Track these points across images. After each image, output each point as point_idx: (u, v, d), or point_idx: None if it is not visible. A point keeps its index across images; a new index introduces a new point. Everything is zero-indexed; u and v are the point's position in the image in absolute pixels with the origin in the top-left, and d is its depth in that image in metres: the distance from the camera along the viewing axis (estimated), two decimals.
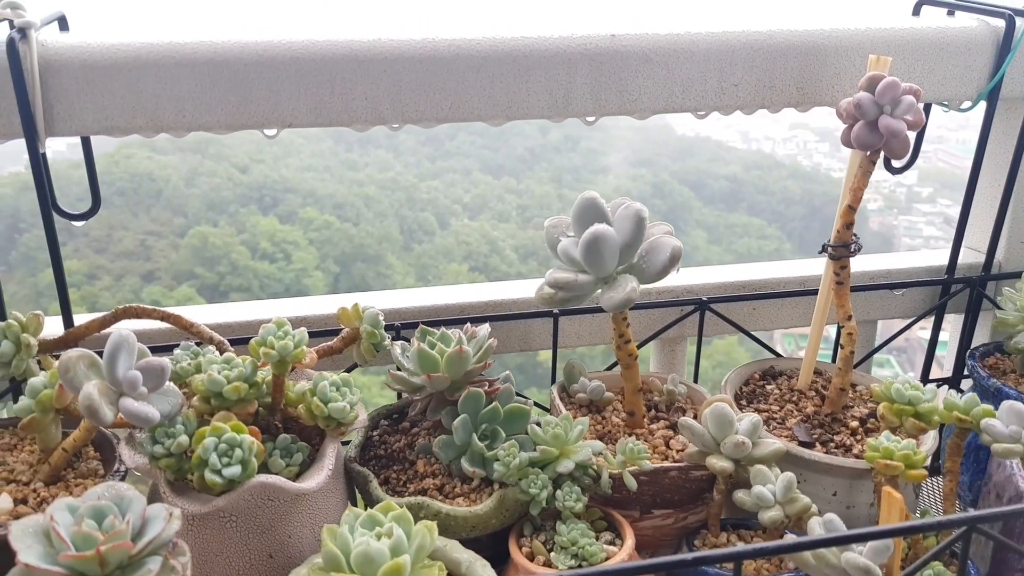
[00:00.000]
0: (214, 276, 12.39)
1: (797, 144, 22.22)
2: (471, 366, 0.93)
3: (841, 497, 0.96)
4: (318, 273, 13.18)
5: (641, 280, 0.88)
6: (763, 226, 15.97)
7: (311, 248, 13.49)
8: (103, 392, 0.74)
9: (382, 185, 15.86)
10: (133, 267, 12.16)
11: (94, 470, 0.86)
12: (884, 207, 18.90)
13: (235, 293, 12.15)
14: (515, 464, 0.86)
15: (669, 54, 0.98)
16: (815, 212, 17.81)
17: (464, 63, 0.94)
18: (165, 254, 12.70)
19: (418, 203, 15.59)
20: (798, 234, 17.42)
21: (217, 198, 14.40)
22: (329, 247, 13.64)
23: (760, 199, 17.56)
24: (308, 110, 0.93)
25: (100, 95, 0.88)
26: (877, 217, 18.54)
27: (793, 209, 17.60)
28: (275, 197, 14.69)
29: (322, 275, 13.20)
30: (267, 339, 0.82)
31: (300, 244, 13.35)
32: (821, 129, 22.08)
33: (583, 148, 18.64)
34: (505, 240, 14.27)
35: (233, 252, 12.68)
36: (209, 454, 0.76)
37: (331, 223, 13.97)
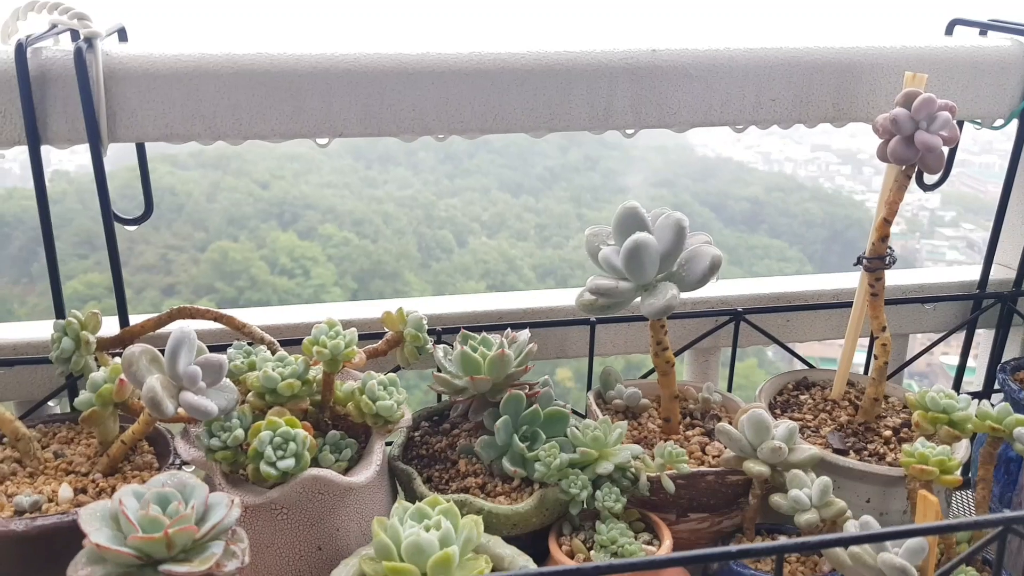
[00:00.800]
0: (233, 291, 12.46)
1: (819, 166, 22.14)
2: (512, 369, 0.95)
3: (875, 504, 0.97)
4: (336, 289, 13.23)
5: (681, 288, 0.90)
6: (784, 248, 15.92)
7: (330, 264, 13.56)
8: (165, 386, 0.77)
9: (401, 202, 15.94)
10: (154, 280, 12.27)
11: (149, 463, 0.89)
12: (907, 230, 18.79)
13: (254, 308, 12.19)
14: (556, 464, 0.89)
15: (708, 69, 1.01)
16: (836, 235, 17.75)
17: (509, 76, 0.98)
18: (185, 268, 12.80)
19: (436, 220, 15.66)
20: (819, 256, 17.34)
21: (238, 213, 14.51)
22: (347, 263, 13.70)
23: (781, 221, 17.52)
24: (358, 120, 0.96)
25: (160, 103, 0.92)
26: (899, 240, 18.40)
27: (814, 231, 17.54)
28: (295, 213, 14.79)
29: (340, 291, 13.24)
30: (320, 338, 0.85)
31: (319, 260, 13.42)
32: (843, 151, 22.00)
33: (603, 168, 18.67)
34: (523, 259, 14.29)
35: (253, 267, 12.76)
36: (265, 447, 0.79)
37: (350, 240, 14.04)
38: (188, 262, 12.93)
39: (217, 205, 14.51)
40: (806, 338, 1.22)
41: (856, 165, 21.55)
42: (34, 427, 0.94)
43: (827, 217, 17.67)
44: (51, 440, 0.93)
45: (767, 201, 17.92)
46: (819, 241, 17.39)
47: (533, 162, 18.28)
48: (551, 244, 15.23)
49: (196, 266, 12.86)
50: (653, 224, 0.92)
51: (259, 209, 14.75)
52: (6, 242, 12.15)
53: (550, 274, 14.01)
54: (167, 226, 13.59)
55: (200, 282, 12.53)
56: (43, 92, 0.90)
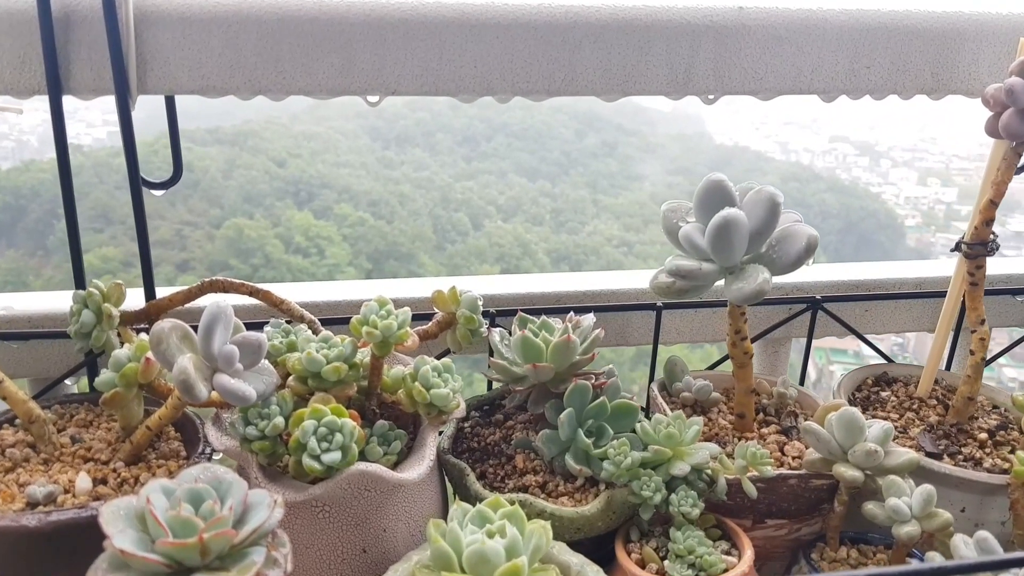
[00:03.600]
0: (248, 268, 12.46)
1: (836, 157, 22.02)
2: (577, 357, 0.86)
3: (970, 514, 0.88)
4: (350, 269, 13.22)
5: (772, 271, 0.81)
6: None
7: (344, 244, 13.54)
8: (198, 367, 0.69)
9: (417, 184, 15.90)
10: (168, 256, 12.25)
11: (175, 451, 0.81)
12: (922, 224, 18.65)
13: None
14: (626, 464, 0.80)
15: (799, 31, 0.91)
16: (851, 226, 17.62)
17: (581, 32, 0.88)
18: (200, 244, 12.79)
19: (452, 203, 15.61)
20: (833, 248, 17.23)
21: (253, 191, 14.50)
22: (362, 244, 13.68)
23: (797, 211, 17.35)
24: (414, 76, 0.87)
25: (197, 51, 0.83)
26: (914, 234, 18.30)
27: (829, 223, 17.41)
28: (311, 192, 14.77)
29: (354, 271, 13.24)
30: (370, 318, 0.76)
31: (334, 240, 13.41)
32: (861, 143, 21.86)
33: (620, 154, 18.57)
34: (538, 243, 14.24)
35: (267, 245, 12.75)
36: (308, 438, 0.70)
37: (365, 220, 14.02)
38: (203, 238, 12.92)
39: (233, 182, 14.51)
40: (885, 329, 1.13)
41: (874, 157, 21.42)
42: (49, 408, 0.86)
43: (843, 208, 17.54)
44: (68, 423, 0.85)
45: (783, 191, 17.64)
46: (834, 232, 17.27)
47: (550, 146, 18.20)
48: (566, 229, 15.17)
49: (211, 242, 12.86)
50: (741, 200, 0.83)
51: (275, 187, 14.74)
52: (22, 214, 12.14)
53: (564, 259, 13.95)
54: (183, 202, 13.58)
55: (215, 259, 12.53)
56: (67, 36, 0.81)
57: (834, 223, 17.43)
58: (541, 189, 16.80)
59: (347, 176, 15.69)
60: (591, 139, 18.68)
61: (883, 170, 20.99)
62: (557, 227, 15.48)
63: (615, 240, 13.84)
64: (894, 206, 19.04)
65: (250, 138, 15.69)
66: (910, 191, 19.81)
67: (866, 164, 21.54)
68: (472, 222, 15.14)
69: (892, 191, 19.84)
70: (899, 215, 18.77)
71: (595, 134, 18.69)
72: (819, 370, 11.30)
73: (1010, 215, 15.63)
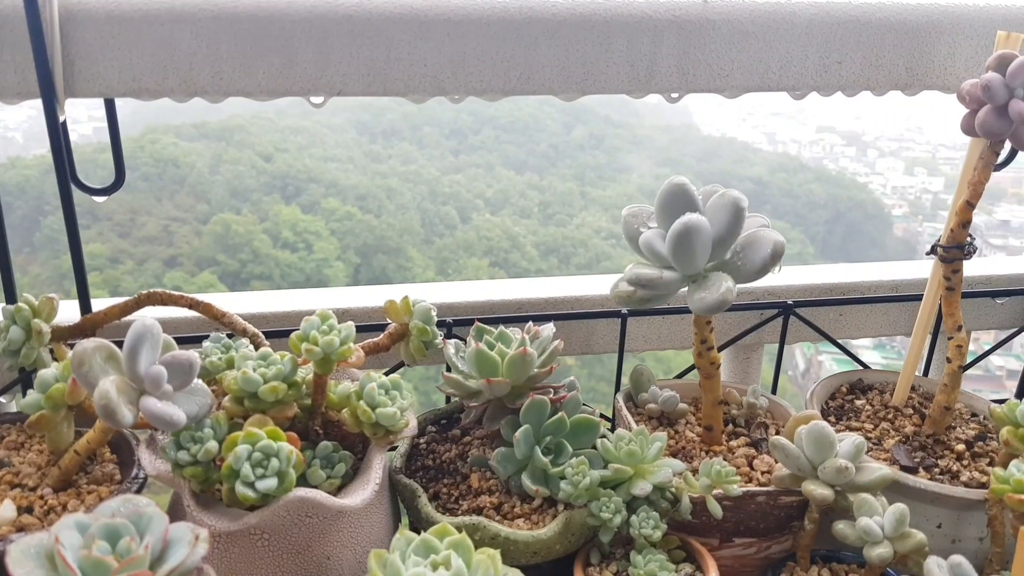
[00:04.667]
0: (236, 263, 12.39)
1: (823, 147, 22.08)
2: (535, 370, 0.82)
3: (946, 530, 0.85)
4: (339, 264, 13.17)
5: (736, 279, 0.77)
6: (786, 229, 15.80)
7: (332, 238, 13.49)
8: (122, 390, 0.64)
9: (405, 177, 15.83)
10: (155, 252, 12.17)
11: (110, 475, 0.77)
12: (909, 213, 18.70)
13: (256, 281, 12.16)
14: (584, 484, 0.76)
15: (767, 25, 0.87)
16: (839, 216, 17.64)
17: (537, 28, 0.83)
18: (188, 240, 12.71)
19: (440, 196, 15.55)
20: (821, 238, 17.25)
21: (241, 186, 14.41)
22: (350, 238, 13.63)
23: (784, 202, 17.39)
24: (360, 76, 0.82)
25: (127, 52, 0.78)
26: (901, 223, 18.35)
27: (817, 213, 17.42)
28: (298, 187, 14.70)
29: (343, 266, 13.18)
30: (310, 334, 0.72)
31: (322, 234, 13.35)
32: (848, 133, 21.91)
33: (607, 146, 18.53)
34: (526, 236, 14.20)
35: (255, 240, 12.68)
36: (241, 464, 0.66)
37: (353, 214, 13.96)
38: (191, 234, 12.84)
39: (220, 177, 14.42)
40: (860, 334, 1.09)
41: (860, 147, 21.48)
42: None
43: (830, 198, 17.57)
44: None
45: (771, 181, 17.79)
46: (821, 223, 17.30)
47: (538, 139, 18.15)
48: (554, 222, 15.13)
49: (198, 238, 12.78)
50: (704, 204, 0.78)
51: (262, 182, 14.66)
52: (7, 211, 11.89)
53: (553, 252, 13.92)
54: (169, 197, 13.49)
55: (202, 254, 12.46)
56: None
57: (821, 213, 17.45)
58: (529, 182, 16.75)
59: (334, 170, 15.61)
60: (579, 131, 18.64)
61: (870, 160, 21.05)
62: (545, 220, 15.45)
63: (603, 232, 13.81)
64: (881, 196, 19.10)
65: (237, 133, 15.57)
66: (897, 181, 19.88)
67: (853, 154, 21.59)
68: (460, 215, 15.09)
69: (879, 181, 19.92)
70: (886, 205, 18.83)
71: (583, 126, 18.65)
72: (808, 360, 11.29)
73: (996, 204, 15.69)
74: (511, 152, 17.57)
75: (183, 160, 13.99)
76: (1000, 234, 15.72)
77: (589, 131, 18.64)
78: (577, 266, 13.32)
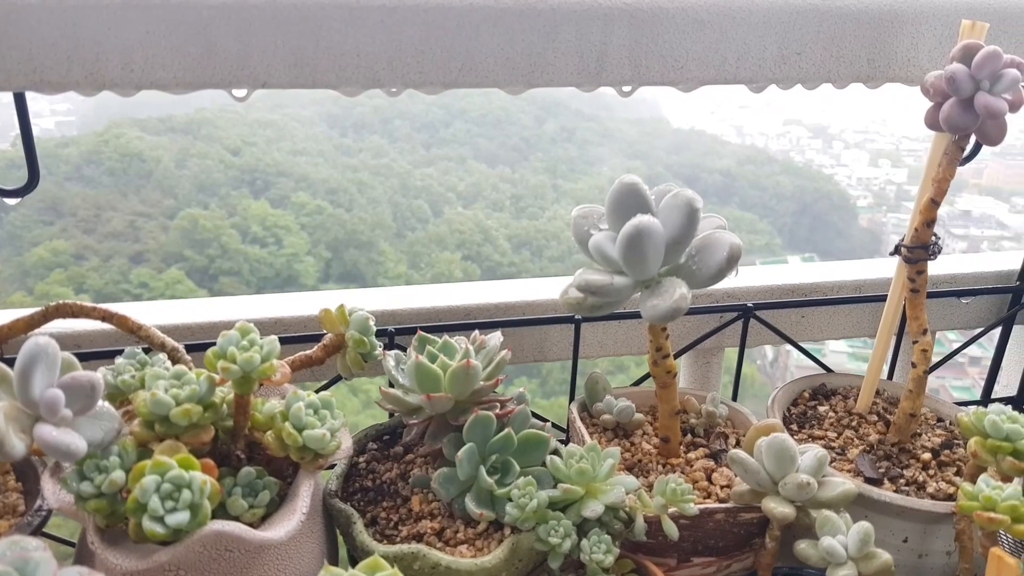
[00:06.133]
0: (204, 259, 12.24)
1: (790, 140, 22.30)
2: (480, 384, 0.77)
3: (913, 544, 0.81)
4: (309, 259, 13.05)
5: (691, 284, 0.72)
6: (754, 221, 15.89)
7: (302, 233, 13.37)
8: (12, 416, 0.58)
9: (376, 171, 15.73)
10: (121, 248, 11.97)
11: (12, 506, 0.70)
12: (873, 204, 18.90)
13: (225, 277, 12.02)
14: (531, 507, 0.71)
15: (723, 14, 0.82)
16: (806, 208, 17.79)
17: (479, 15, 0.78)
18: (154, 236, 12.53)
19: (412, 190, 15.47)
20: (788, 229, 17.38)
21: (208, 180, 14.23)
22: (321, 232, 13.51)
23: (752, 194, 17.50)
24: (287, 67, 0.76)
25: (27, 42, 0.71)
26: (866, 215, 18.55)
27: (784, 204, 17.55)
28: (267, 181, 14.55)
29: (313, 260, 13.07)
30: (227, 350, 0.66)
31: (292, 229, 13.23)
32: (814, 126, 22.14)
33: (578, 139, 18.53)
34: (499, 230, 14.16)
35: (223, 235, 12.53)
36: (148, 497, 0.60)
37: (323, 208, 13.85)
38: (157, 229, 12.66)
39: (187, 172, 14.23)
40: (823, 336, 1.05)
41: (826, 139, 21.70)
42: None
43: (797, 190, 17.71)
44: None
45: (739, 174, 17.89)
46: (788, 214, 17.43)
47: (509, 132, 18.11)
48: (527, 215, 15.11)
49: (165, 234, 12.61)
50: (657, 204, 0.73)
51: (230, 176, 14.49)
52: None
53: (525, 245, 13.89)
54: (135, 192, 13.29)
55: (169, 250, 12.29)
56: None
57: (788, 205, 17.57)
58: (501, 175, 16.71)
59: (304, 164, 15.46)
60: (550, 124, 18.61)
61: (835, 152, 21.27)
62: (517, 213, 15.42)
63: None
64: (847, 187, 19.31)
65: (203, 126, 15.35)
66: (862, 172, 20.11)
67: (819, 146, 21.81)
68: (432, 209, 15.02)
69: (844, 172, 20.14)
70: (851, 196, 19.03)
71: (554, 119, 18.62)
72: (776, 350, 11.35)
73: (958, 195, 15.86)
74: (483, 145, 17.50)
75: (149, 155, 13.77)
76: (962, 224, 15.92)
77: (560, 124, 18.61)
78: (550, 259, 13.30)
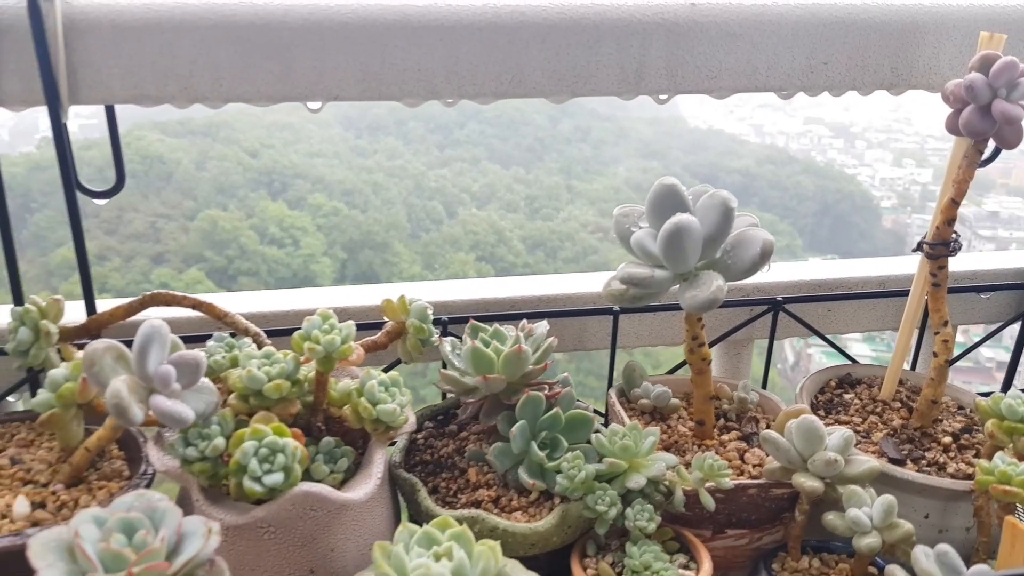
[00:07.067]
0: (223, 260, 12.35)
1: (811, 139, 22.09)
2: (529, 367, 0.84)
3: (934, 520, 0.87)
4: (325, 259, 13.14)
5: (726, 278, 0.79)
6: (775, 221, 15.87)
7: (319, 234, 13.46)
8: (133, 389, 0.66)
9: (391, 172, 15.81)
10: (143, 249, 12.11)
11: (118, 471, 0.78)
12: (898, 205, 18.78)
13: (243, 277, 12.13)
14: (580, 478, 0.78)
15: (754, 27, 0.89)
16: (827, 208, 17.70)
17: (528, 32, 0.85)
18: (175, 236, 12.66)
19: (426, 191, 15.54)
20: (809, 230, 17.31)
21: (227, 182, 14.36)
22: (337, 233, 13.60)
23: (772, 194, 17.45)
24: (356, 81, 0.84)
25: (129, 60, 0.80)
26: (890, 215, 18.43)
27: (805, 205, 17.48)
28: (284, 182, 14.66)
29: (329, 261, 13.16)
30: (312, 333, 0.74)
31: (308, 230, 13.32)
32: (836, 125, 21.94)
33: (593, 139, 18.53)
34: (513, 230, 14.20)
35: (242, 236, 12.64)
36: (249, 459, 0.68)
37: (339, 209, 13.93)
38: (177, 230, 12.79)
39: (206, 173, 14.36)
40: (848, 329, 1.12)
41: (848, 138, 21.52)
42: None
43: (818, 190, 17.62)
44: (8, 443, 0.82)
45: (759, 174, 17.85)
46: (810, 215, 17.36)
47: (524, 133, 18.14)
48: (541, 216, 15.14)
49: (185, 235, 12.73)
50: (694, 204, 0.81)
51: (248, 178, 14.61)
52: None
53: (539, 246, 13.93)
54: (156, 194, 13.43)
55: (189, 251, 12.41)
56: None
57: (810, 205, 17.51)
58: (515, 176, 16.75)
59: (320, 166, 15.58)
60: (565, 124, 18.63)
61: (858, 151, 21.10)
62: (532, 214, 15.45)
63: (590, 226, 13.83)
64: (869, 187, 19.16)
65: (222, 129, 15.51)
66: (885, 172, 19.93)
67: (841, 146, 21.64)
68: (446, 210, 15.08)
69: (867, 172, 19.96)
70: (875, 196, 18.88)
71: (569, 119, 18.64)
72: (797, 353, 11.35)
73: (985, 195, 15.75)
74: (497, 146, 17.57)
75: (169, 157, 13.93)
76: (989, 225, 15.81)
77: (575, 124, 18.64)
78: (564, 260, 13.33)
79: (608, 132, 18.84)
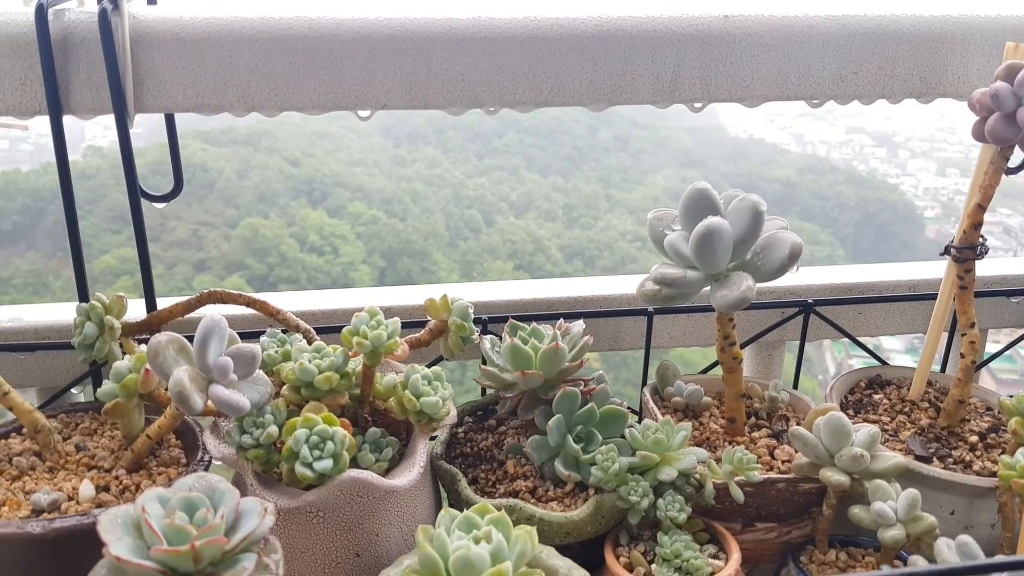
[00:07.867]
0: (264, 267, 12.53)
1: (853, 148, 21.79)
2: (566, 364, 0.88)
3: (959, 516, 0.89)
4: (364, 267, 13.26)
5: (756, 278, 0.82)
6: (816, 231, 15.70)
7: (358, 242, 13.58)
8: (193, 379, 0.71)
9: (429, 181, 15.92)
10: (185, 256, 12.34)
11: (176, 458, 0.83)
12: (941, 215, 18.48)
13: (284, 284, 12.29)
14: (614, 469, 0.81)
15: (785, 37, 0.92)
16: (869, 218, 17.47)
17: (567, 43, 0.89)
18: (216, 244, 12.87)
19: (465, 200, 15.62)
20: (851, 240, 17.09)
21: (268, 190, 14.57)
22: (376, 241, 13.72)
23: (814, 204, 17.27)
24: (403, 91, 0.88)
25: (191, 71, 0.85)
26: (934, 225, 18.13)
27: (847, 215, 17.27)
28: (324, 191, 14.83)
29: (368, 269, 13.28)
30: (360, 328, 0.78)
31: (348, 238, 13.45)
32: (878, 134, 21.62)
33: (632, 148, 18.50)
34: (551, 239, 14.22)
35: (283, 244, 12.81)
36: (300, 446, 0.72)
37: (378, 218, 14.06)
38: (219, 238, 13.00)
39: (248, 182, 14.58)
40: (878, 332, 1.14)
41: (891, 148, 21.20)
42: (55, 416, 0.88)
43: (860, 200, 17.38)
44: (73, 431, 0.87)
45: (800, 183, 17.67)
46: (851, 224, 17.13)
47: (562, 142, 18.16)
48: (579, 225, 15.14)
49: (227, 242, 12.93)
50: (725, 208, 0.84)
51: (289, 186, 14.81)
52: (41, 216, 12.26)
53: (578, 255, 13.93)
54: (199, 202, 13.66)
55: (231, 259, 12.60)
56: (65, 58, 0.83)
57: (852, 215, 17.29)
58: (553, 185, 16.77)
59: (360, 174, 15.74)
60: (603, 133, 18.62)
61: (901, 161, 20.78)
62: (570, 223, 15.46)
63: (628, 235, 13.81)
64: (912, 197, 18.85)
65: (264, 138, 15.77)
66: (929, 182, 19.60)
67: (883, 155, 21.32)
68: (485, 219, 15.15)
69: (910, 182, 19.65)
70: (918, 206, 18.57)
71: (607, 128, 18.63)
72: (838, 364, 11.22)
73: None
74: (536, 155, 17.63)
75: (212, 165, 14.18)
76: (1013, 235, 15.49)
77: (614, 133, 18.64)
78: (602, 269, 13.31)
79: (647, 141, 18.81)
